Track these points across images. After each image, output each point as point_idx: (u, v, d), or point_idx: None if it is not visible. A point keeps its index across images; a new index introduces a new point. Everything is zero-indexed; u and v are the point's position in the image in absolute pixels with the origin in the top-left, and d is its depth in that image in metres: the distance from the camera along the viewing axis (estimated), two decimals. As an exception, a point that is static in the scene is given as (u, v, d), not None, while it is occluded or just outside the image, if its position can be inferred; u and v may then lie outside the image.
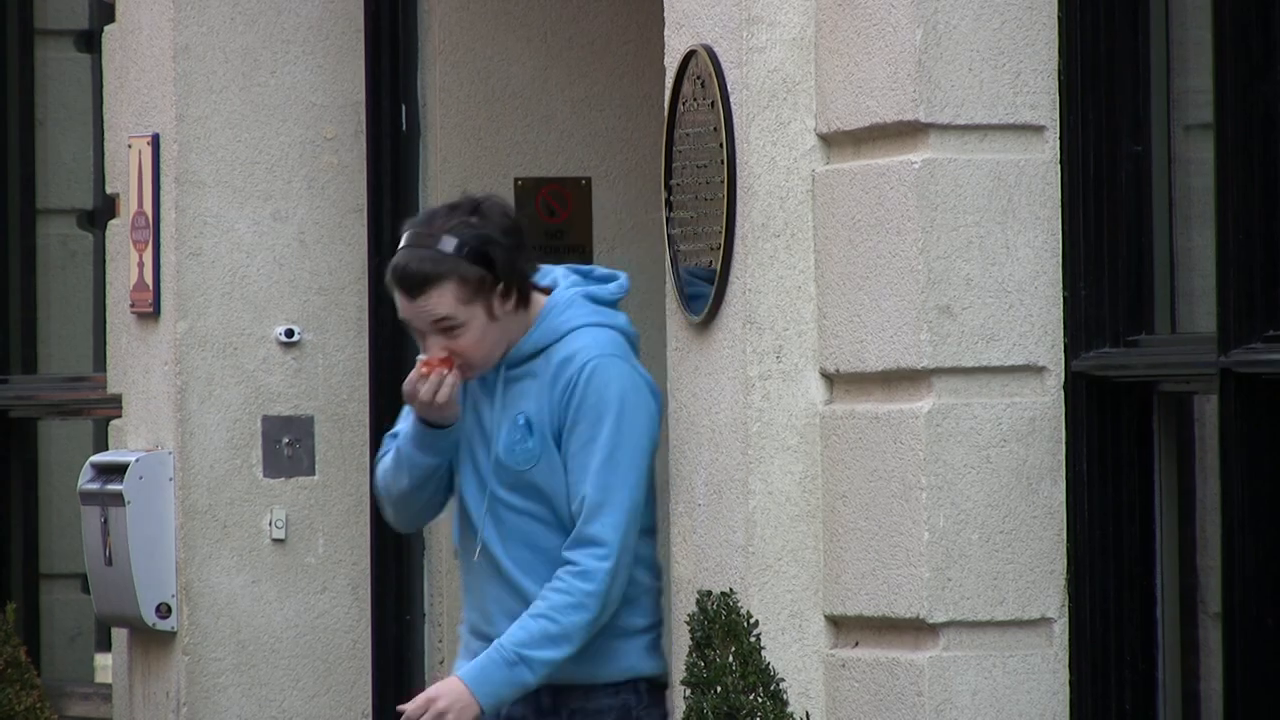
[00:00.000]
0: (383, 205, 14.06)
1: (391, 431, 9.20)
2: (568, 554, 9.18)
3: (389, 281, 8.88)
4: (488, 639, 9.15)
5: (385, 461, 9.17)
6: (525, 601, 9.08)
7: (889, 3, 10.77)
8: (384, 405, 14.11)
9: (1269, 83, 10.48)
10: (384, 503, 9.34)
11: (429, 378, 8.71)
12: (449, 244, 8.65)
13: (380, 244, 14.12)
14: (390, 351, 14.10)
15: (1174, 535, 11.49)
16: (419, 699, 9.27)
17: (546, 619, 9.21)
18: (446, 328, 8.72)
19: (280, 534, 13.66)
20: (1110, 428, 11.10)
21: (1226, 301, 10.41)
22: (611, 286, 9.83)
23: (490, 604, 9.18)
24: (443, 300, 8.69)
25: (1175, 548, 11.42)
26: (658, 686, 9.88)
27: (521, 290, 9.22)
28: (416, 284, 8.66)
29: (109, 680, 14.38)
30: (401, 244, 8.88)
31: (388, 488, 9.11)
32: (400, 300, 8.85)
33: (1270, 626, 10.78)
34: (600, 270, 9.72)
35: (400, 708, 9.36)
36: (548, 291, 9.39)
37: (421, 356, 8.83)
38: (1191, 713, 11.18)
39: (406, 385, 8.85)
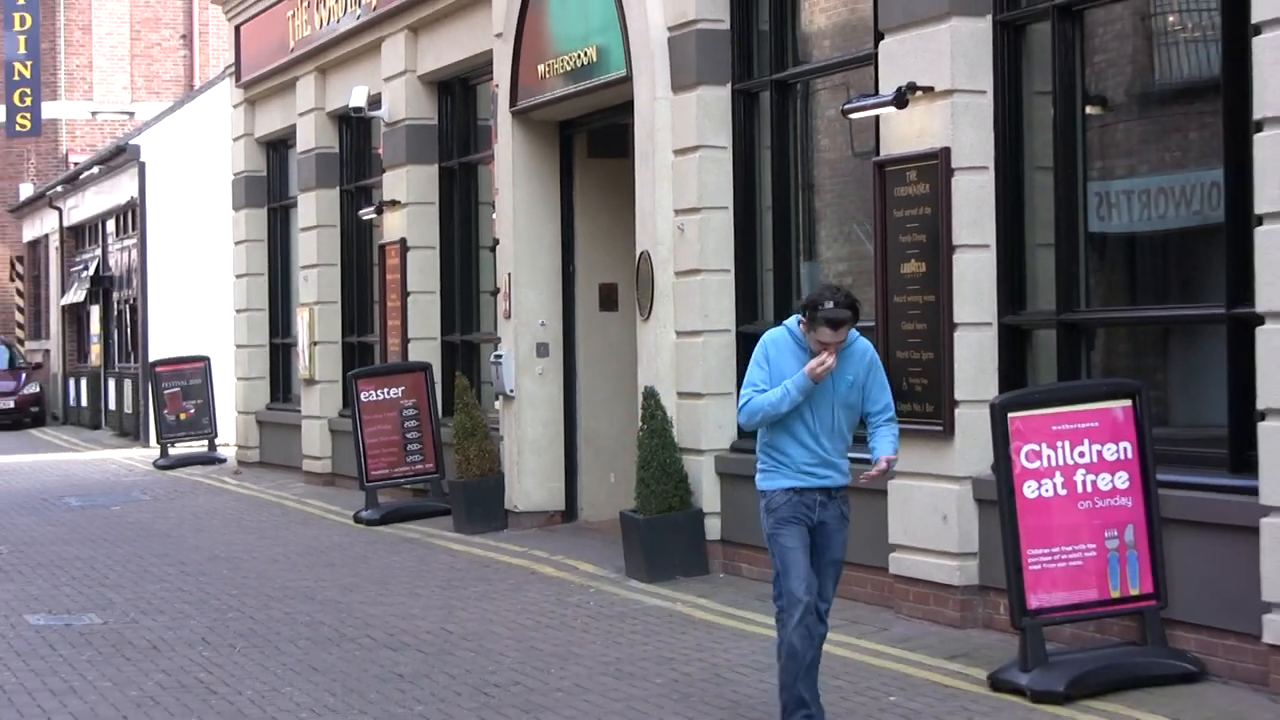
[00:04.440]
0: (564, 288, 13.11)
1: (752, 387, 6.54)
2: (889, 421, 6.70)
3: (819, 319, 6.39)
4: (817, 465, 6.52)
5: (767, 401, 6.43)
6: (834, 453, 6.56)
7: (691, 239, 10.55)
8: (567, 345, 13.05)
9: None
10: (760, 419, 6.48)
11: (825, 361, 6.36)
12: (850, 305, 6.47)
13: (566, 296, 13.18)
14: (569, 325, 13.11)
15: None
16: (827, 359, 6.41)
17: (896, 426, 6.69)
18: (840, 341, 6.41)
19: (540, 370, 12.96)
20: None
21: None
22: None
23: (818, 458, 6.48)
24: (847, 330, 6.45)
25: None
26: None
27: None
28: (841, 323, 6.40)
29: (497, 418, 13.42)
30: (829, 305, 6.39)
31: (766, 413, 6.43)
32: (827, 330, 6.38)
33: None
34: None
35: (821, 366, 6.41)
36: None
37: (823, 353, 6.38)
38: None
39: (813, 361, 6.38)
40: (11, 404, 29.13)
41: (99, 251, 28.35)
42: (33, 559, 12.56)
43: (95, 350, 28.31)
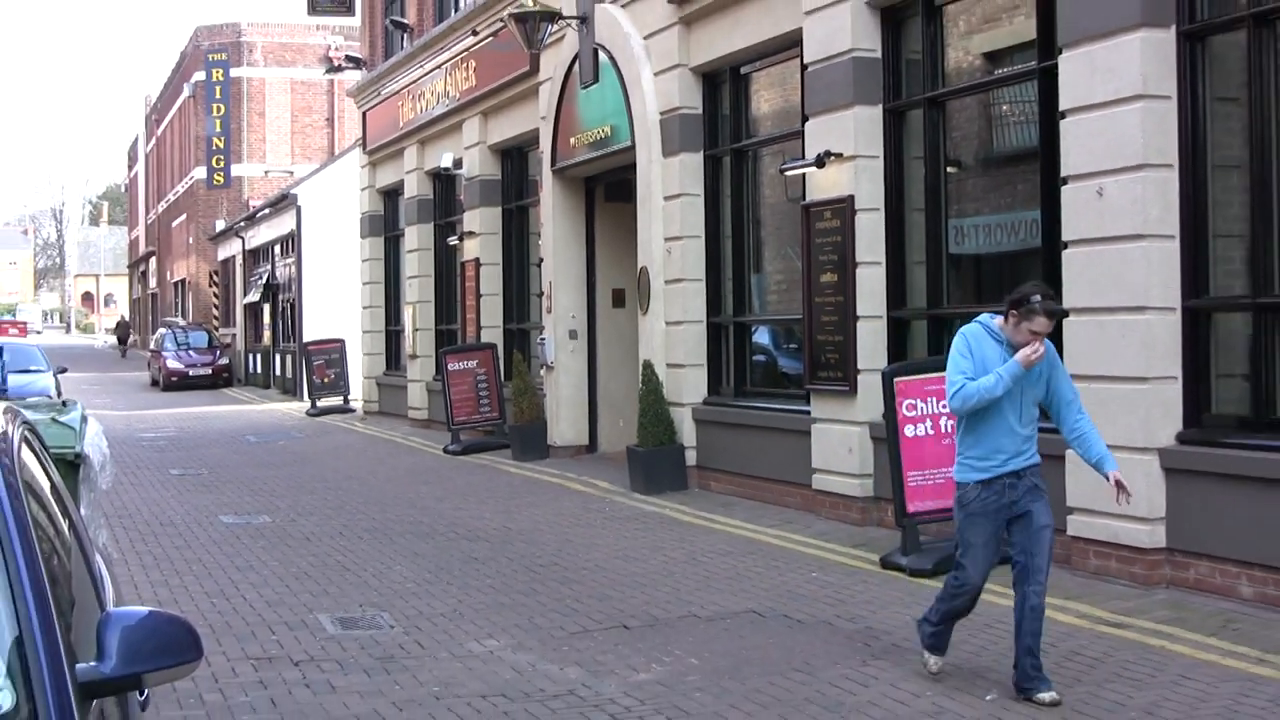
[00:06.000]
0: (588, 292, 12.81)
1: (962, 374, 4.67)
2: (1083, 413, 4.77)
3: (1038, 310, 4.61)
4: (1012, 454, 4.70)
5: (982, 386, 4.62)
6: (1029, 438, 4.76)
7: (676, 258, 10.37)
8: (590, 331, 12.64)
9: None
10: (975, 402, 4.62)
11: (1039, 349, 4.59)
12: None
13: (590, 297, 12.81)
14: (592, 318, 12.67)
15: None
16: (1040, 347, 4.67)
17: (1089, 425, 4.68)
18: (1050, 332, 4.60)
19: (572, 349, 12.77)
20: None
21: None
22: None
23: (1011, 440, 4.67)
24: (1054, 322, 4.59)
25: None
26: None
27: None
28: (1057, 316, 4.65)
29: (542, 381, 12.95)
30: (1043, 300, 4.61)
31: (982, 397, 4.60)
32: (1043, 320, 4.59)
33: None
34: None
35: (1035, 353, 4.66)
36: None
37: (1035, 342, 4.59)
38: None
39: (1027, 348, 4.62)
40: (209, 371, 29.46)
41: (269, 267, 28.44)
42: (223, 477, 12.44)
43: (266, 335, 28.41)
